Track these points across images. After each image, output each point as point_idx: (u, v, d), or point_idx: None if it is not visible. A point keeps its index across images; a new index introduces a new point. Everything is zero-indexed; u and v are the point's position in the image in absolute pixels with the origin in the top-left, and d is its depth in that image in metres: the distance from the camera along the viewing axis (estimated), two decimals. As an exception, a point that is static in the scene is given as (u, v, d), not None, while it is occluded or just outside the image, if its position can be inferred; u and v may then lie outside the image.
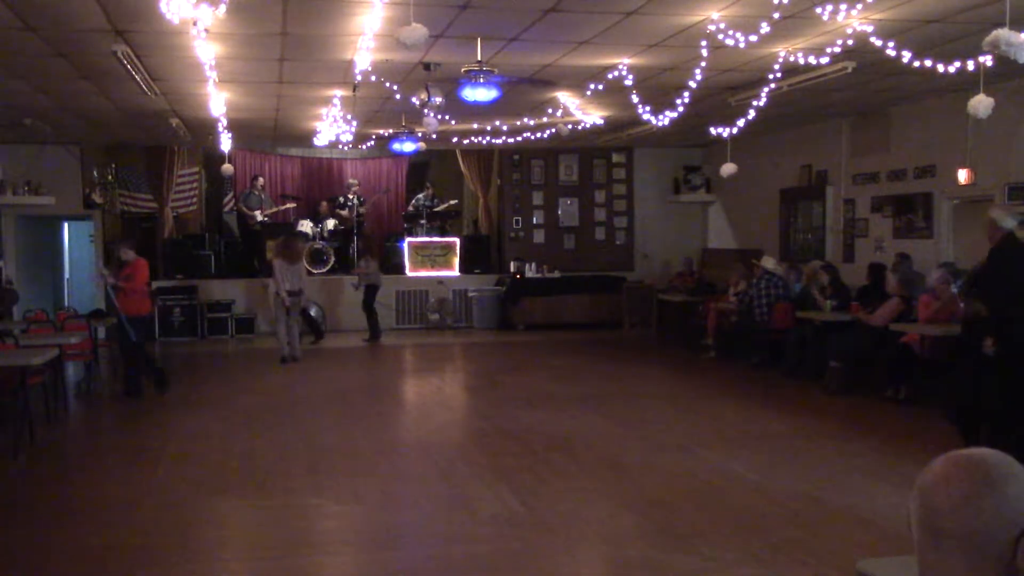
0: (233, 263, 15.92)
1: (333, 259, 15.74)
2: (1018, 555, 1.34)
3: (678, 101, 9.76)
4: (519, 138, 13.62)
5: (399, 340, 14.72)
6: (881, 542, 4.92)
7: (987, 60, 6.48)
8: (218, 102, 10.29)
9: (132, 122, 12.38)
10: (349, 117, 11.49)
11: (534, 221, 16.97)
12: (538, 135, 13.27)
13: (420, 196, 17.02)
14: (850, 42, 7.49)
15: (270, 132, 13.88)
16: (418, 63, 8.61)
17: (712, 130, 11.87)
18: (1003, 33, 5.44)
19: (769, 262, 11.82)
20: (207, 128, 12.61)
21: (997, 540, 1.34)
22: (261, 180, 16.45)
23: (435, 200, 17.00)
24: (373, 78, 8.81)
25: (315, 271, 15.32)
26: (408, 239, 16.35)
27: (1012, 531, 1.34)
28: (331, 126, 11.94)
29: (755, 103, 9.77)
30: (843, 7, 6.44)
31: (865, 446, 7.23)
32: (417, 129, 11.56)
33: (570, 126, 12.48)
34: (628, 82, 9.20)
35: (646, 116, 10.50)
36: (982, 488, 1.36)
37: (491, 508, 5.66)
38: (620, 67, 8.85)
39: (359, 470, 6.70)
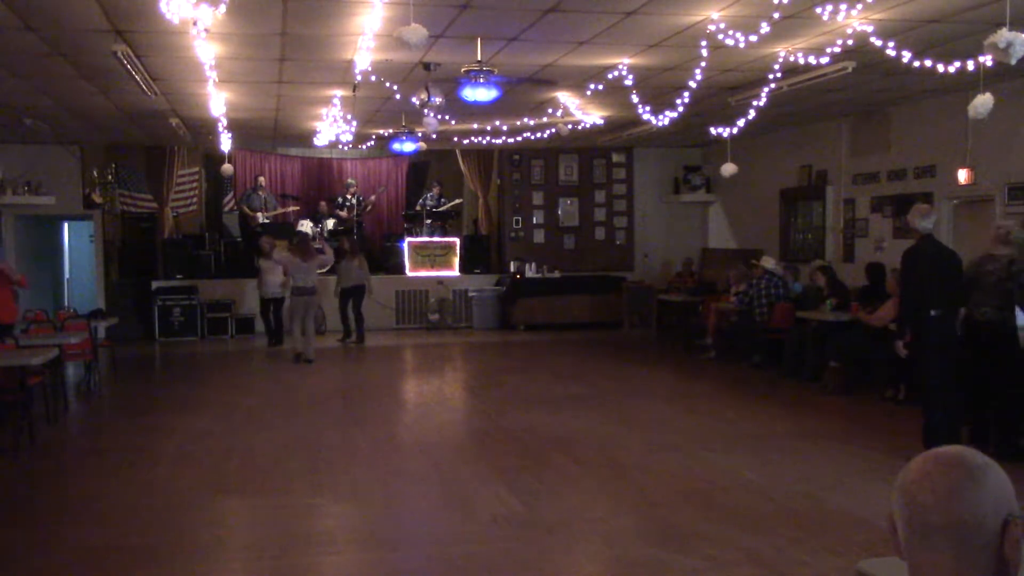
0: (233, 263, 15.91)
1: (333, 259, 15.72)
2: (1004, 543, 1.37)
3: (678, 101, 9.76)
4: (519, 138, 13.62)
5: (399, 340, 14.72)
6: (881, 542, 4.91)
7: (987, 60, 6.48)
8: (218, 102, 10.29)
9: (132, 122, 12.38)
10: (349, 117, 11.49)
11: (534, 221, 16.97)
12: (538, 135, 13.27)
13: (428, 195, 17.04)
14: (850, 42, 7.49)
15: (270, 132, 13.88)
16: (418, 63, 8.61)
17: (712, 130, 11.88)
18: (1019, 35, 5.42)
19: (769, 262, 11.82)
20: (207, 128, 12.61)
21: (983, 530, 1.38)
22: (263, 180, 16.45)
23: (442, 199, 17.01)
24: (373, 78, 8.81)
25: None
26: (408, 239, 16.35)
27: (996, 520, 1.39)
28: (331, 126, 11.94)
29: (755, 103, 9.77)
30: (843, 7, 6.44)
31: (865, 446, 7.23)
32: (417, 129, 11.56)
33: (570, 126, 12.48)
34: (628, 82, 9.20)
35: (646, 116, 10.51)
36: (963, 481, 1.40)
37: (491, 508, 5.66)
38: (620, 67, 8.85)
39: (359, 470, 6.70)
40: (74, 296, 16.41)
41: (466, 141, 14.72)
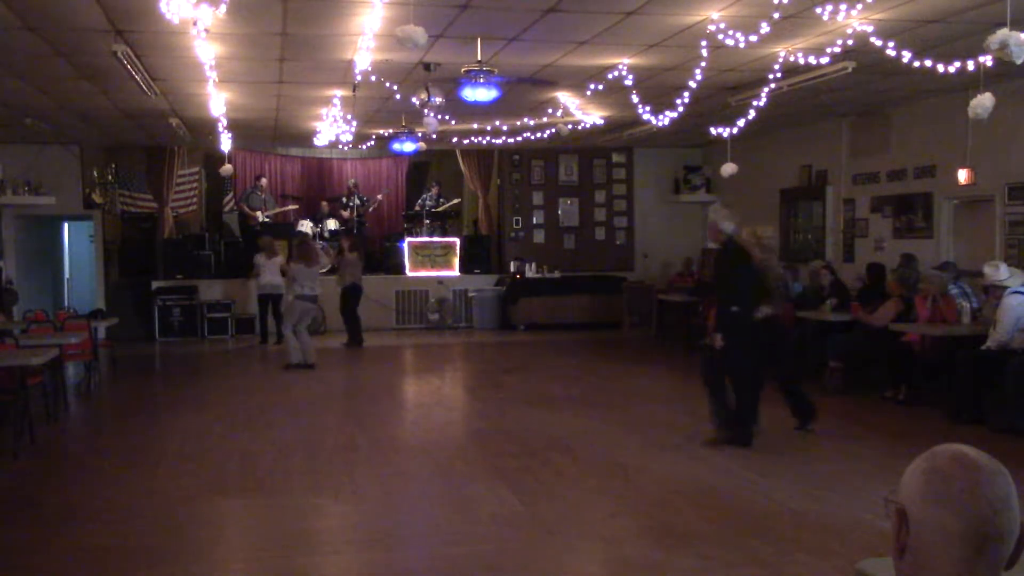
0: (233, 263, 15.91)
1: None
2: (1020, 552, 1.37)
3: (678, 101, 9.76)
4: (519, 138, 13.62)
5: (399, 340, 14.72)
6: (881, 542, 4.91)
7: (987, 60, 6.48)
8: (218, 102, 10.29)
9: (132, 122, 12.38)
10: (349, 117, 11.49)
11: (534, 221, 16.97)
12: (538, 135, 13.27)
13: (426, 195, 17.04)
14: (850, 42, 7.49)
15: (270, 132, 13.88)
16: (418, 63, 8.61)
17: (712, 130, 11.87)
18: (1013, 34, 5.42)
19: (769, 262, 11.80)
20: (207, 128, 12.61)
21: (1013, 538, 1.37)
22: (264, 180, 16.45)
23: (440, 199, 17.01)
24: (373, 78, 8.81)
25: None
26: (408, 239, 16.35)
27: (1017, 529, 1.37)
28: (331, 126, 11.95)
29: (755, 103, 9.77)
30: (843, 7, 6.44)
31: (865, 446, 7.23)
32: (417, 129, 11.55)
33: (570, 126, 12.48)
34: (628, 82, 9.20)
35: (646, 116, 10.50)
36: (1010, 489, 1.38)
37: (491, 508, 5.66)
38: (620, 67, 8.85)
39: (359, 470, 6.70)
40: (74, 296, 16.41)
41: (466, 141, 14.71)
